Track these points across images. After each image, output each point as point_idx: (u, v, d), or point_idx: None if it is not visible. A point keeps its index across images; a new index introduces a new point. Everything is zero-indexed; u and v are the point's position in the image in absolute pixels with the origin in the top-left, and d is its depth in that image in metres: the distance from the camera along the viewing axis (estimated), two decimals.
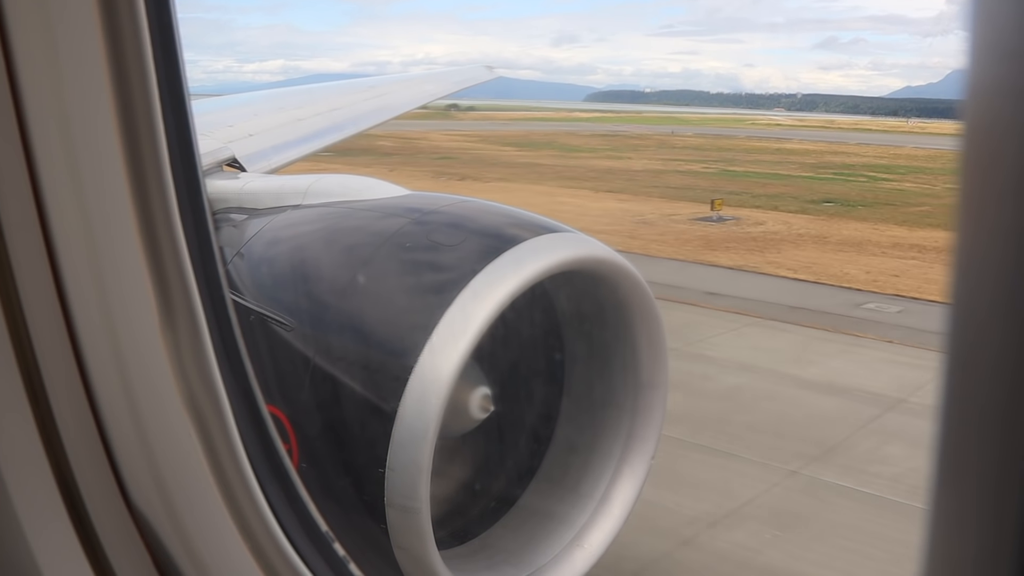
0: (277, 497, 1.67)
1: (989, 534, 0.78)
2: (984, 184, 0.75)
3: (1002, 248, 0.73)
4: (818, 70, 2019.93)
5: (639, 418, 3.62)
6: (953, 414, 0.80)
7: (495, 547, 3.57)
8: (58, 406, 1.40)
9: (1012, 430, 0.74)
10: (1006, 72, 0.71)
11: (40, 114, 1.29)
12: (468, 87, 11.92)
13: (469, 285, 2.92)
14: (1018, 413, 0.73)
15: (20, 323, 1.35)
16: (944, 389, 0.80)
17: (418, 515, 2.87)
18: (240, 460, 1.55)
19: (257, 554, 1.60)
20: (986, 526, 0.78)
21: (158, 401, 1.46)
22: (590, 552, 3.54)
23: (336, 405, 3.09)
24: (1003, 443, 0.75)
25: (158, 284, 1.41)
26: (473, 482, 3.70)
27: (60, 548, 1.41)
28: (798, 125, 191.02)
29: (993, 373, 0.75)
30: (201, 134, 2.99)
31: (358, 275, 3.15)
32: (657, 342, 3.53)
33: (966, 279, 0.78)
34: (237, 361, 1.66)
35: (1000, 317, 0.74)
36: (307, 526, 1.78)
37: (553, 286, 3.50)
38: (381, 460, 2.86)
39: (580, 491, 3.65)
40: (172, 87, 1.42)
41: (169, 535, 1.50)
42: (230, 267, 3.50)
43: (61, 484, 1.41)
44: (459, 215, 3.40)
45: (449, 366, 2.81)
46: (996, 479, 0.76)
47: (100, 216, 1.37)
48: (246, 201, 3.96)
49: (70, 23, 1.27)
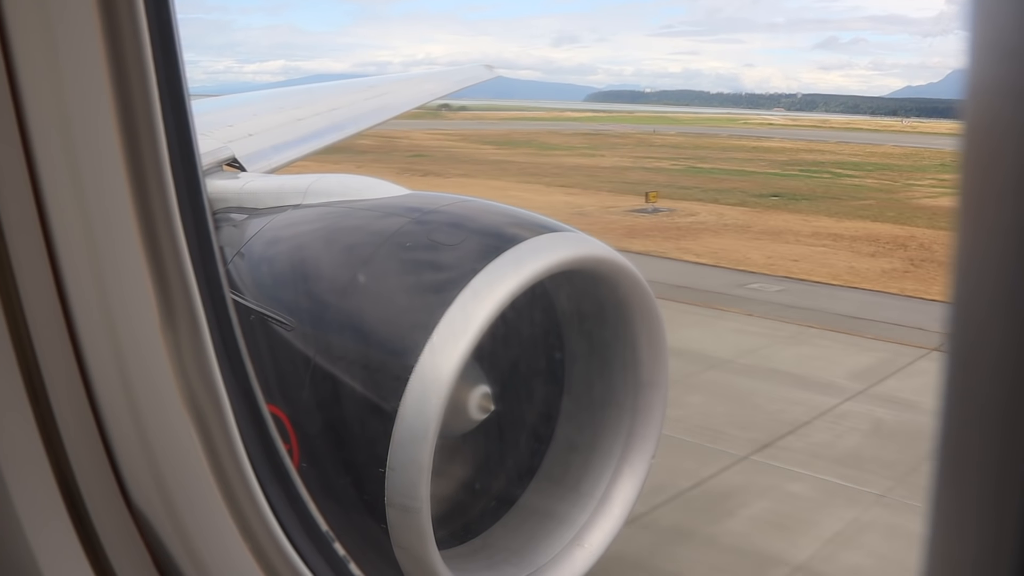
0: (277, 496, 1.67)
1: (990, 534, 0.77)
2: (984, 183, 0.75)
3: (1002, 247, 0.73)
4: (819, 70, 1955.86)
5: (639, 417, 3.62)
6: (954, 414, 0.80)
7: (495, 546, 3.57)
8: (58, 405, 1.40)
9: (1013, 430, 0.74)
10: (1006, 72, 0.71)
11: (40, 114, 1.29)
12: (468, 86, 11.91)
13: (469, 284, 2.92)
14: (1019, 413, 0.73)
15: (20, 322, 1.35)
16: (945, 389, 0.80)
17: (418, 514, 2.87)
18: (240, 459, 1.55)
19: (257, 554, 1.60)
20: (987, 525, 0.78)
21: (158, 401, 1.46)
22: (590, 552, 3.54)
23: (336, 404, 3.08)
24: (1004, 443, 0.75)
25: (158, 284, 1.41)
26: (473, 481, 3.70)
27: (60, 547, 1.41)
28: (791, 124, 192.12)
29: (993, 373, 0.75)
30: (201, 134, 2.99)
31: (358, 275, 3.15)
32: (657, 341, 3.53)
33: (966, 279, 0.78)
34: (237, 361, 1.65)
35: (1000, 317, 0.73)
36: (307, 526, 1.78)
37: (553, 286, 3.50)
38: (381, 459, 2.86)
39: (580, 490, 3.65)
40: (172, 87, 1.42)
41: (169, 534, 1.50)
42: (230, 267, 3.50)
43: (61, 483, 1.41)
44: (459, 214, 3.39)
45: (449, 365, 2.81)
46: (997, 478, 0.76)
47: (100, 216, 1.37)
48: (246, 201, 3.96)
49: (70, 23, 1.27)
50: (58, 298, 1.38)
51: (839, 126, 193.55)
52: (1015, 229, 0.71)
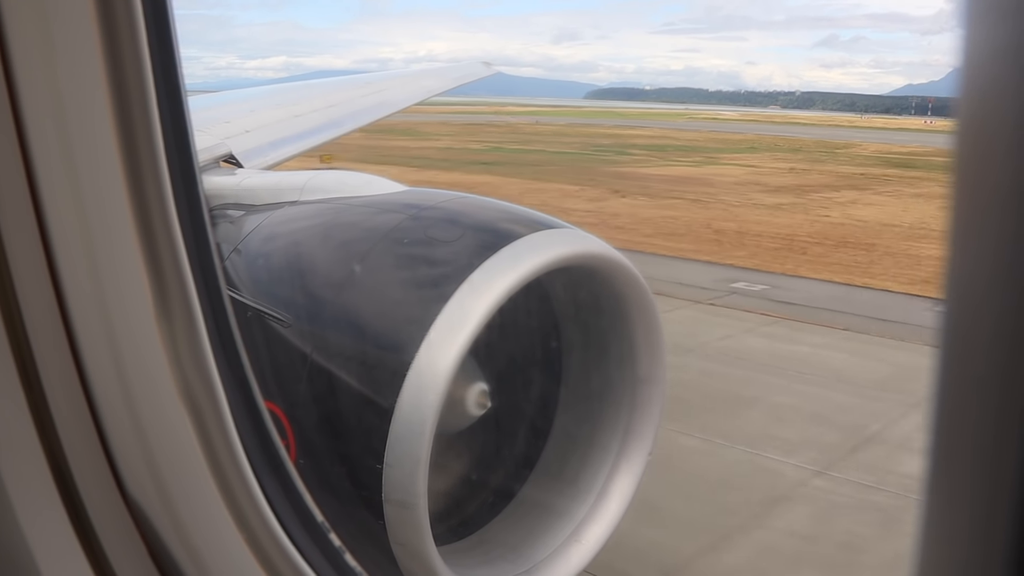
0: (274, 490, 1.68)
1: (981, 535, 0.78)
2: (977, 181, 0.75)
3: (995, 244, 0.73)
4: (820, 68, 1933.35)
5: (637, 413, 3.62)
6: (946, 413, 0.80)
7: (493, 542, 3.58)
8: (54, 400, 1.40)
9: (1006, 430, 0.74)
10: (1000, 68, 0.70)
11: (36, 110, 1.30)
12: (466, 83, 11.89)
13: (467, 280, 2.92)
14: (1012, 413, 0.73)
15: (16, 316, 1.35)
16: (937, 388, 0.80)
17: (416, 510, 2.87)
18: (237, 454, 1.55)
19: (254, 547, 1.60)
20: (979, 527, 0.78)
21: (155, 396, 1.46)
22: (588, 547, 3.54)
23: (333, 400, 3.09)
24: (997, 440, 0.75)
25: (155, 280, 1.42)
26: (470, 477, 3.71)
27: (56, 542, 1.42)
28: (735, 119, 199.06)
29: (986, 373, 0.75)
30: (198, 130, 2.99)
31: (355, 271, 3.15)
32: (654, 337, 3.54)
33: (959, 276, 0.78)
34: (234, 357, 1.66)
35: (994, 316, 0.74)
36: (304, 519, 1.78)
37: (550, 282, 3.50)
38: (379, 455, 2.86)
39: (578, 485, 3.65)
40: (169, 83, 1.42)
41: (166, 529, 1.51)
42: (227, 263, 3.50)
43: (57, 478, 1.41)
44: (456, 211, 3.40)
45: (447, 361, 2.82)
46: (989, 479, 0.76)
47: (97, 213, 1.37)
48: (243, 197, 3.96)
49: (66, 19, 1.27)
50: (55, 295, 1.39)
51: (782, 121, 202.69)
52: (1008, 226, 0.71)
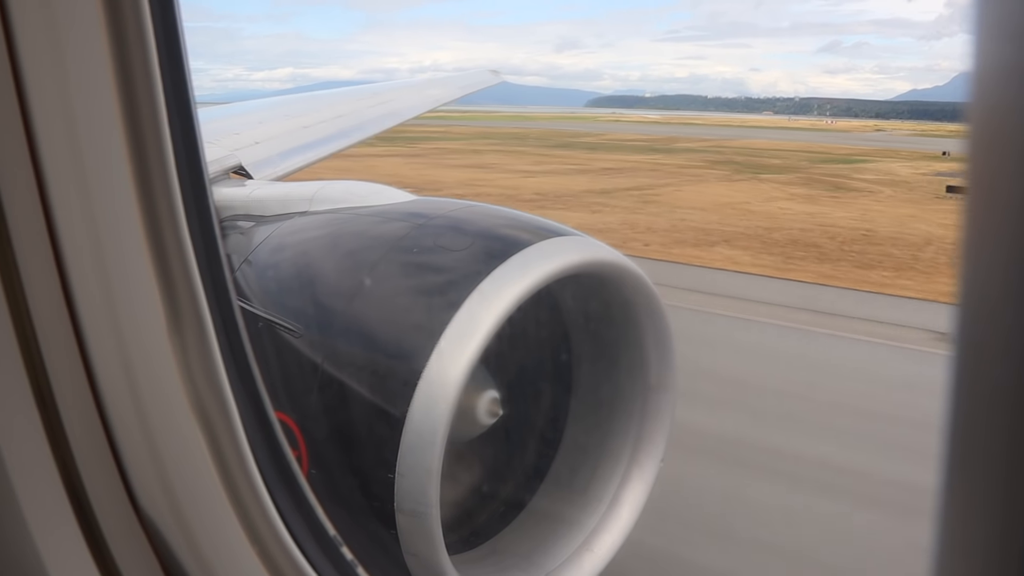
0: (286, 503, 1.67)
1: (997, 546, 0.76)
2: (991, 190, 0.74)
3: (1011, 235, 0.72)
4: (824, 74, 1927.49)
5: (647, 421, 3.60)
6: (961, 422, 0.79)
7: (505, 551, 3.56)
8: (65, 411, 1.40)
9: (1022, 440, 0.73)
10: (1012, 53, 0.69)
11: (46, 123, 1.30)
12: (473, 92, 11.92)
13: (477, 289, 2.92)
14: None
15: (28, 330, 1.35)
16: (951, 397, 0.79)
17: (428, 520, 2.86)
18: (248, 466, 1.55)
19: (265, 559, 1.60)
20: (995, 538, 0.76)
21: (166, 408, 1.46)
22: (599, 556, 3.52)
23: (344, 410, 3.08)
24: (1012, 453, 0.74)
25: (166, 291, 1.42)
26: (482, 486, 3.69)
27: (67, 552, 1.41)
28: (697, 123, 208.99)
29: (1001, 383, 0.74)
30: (208, 142, 3.00)
31: (365, 280, 3.15)
32: (664, 345, 3.52)
33: (974, 269, 0.77)
34: (245, 367, 1.66)
35: (1008, 324, 0.73)
36: (315, 530, 1.78)
37: (560, 290, 3.49)
38: (390, 465, 2.85)
39: (589, 495, 3.63)
40: (178, 95, 1.42)
41: (177, 540, 1.50)
42: (238, 274, 3.50)
43: (69, 488, 1.41)
44: (465, 219, 3.39)
45: (457, 370, 2.81)
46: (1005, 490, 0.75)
47: (108, 225, 1.38)
48: (253, 208, 3.97)
49: (76, 32, 1.27)
50: (66, 307, 1.39)
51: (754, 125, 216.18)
52: (1022, 233, 0.70)
